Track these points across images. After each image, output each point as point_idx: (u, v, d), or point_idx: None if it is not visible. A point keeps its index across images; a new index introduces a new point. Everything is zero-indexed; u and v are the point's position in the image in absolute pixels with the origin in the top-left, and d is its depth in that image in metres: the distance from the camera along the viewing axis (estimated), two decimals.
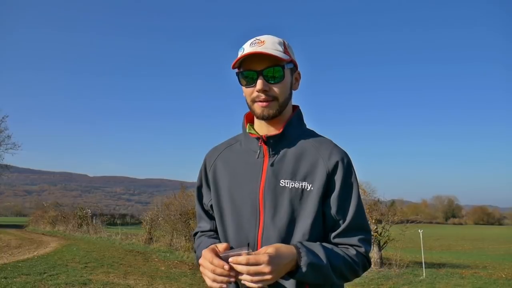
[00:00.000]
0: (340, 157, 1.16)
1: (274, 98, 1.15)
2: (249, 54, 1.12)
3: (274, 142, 1.19)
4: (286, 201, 1.12)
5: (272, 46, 1.15)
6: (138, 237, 15.59)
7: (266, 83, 1.14)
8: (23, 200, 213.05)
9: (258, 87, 1.14)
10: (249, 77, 1.15)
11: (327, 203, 1.13)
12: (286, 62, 1.16)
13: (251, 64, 1.15)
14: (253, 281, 0.97)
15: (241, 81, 1.18)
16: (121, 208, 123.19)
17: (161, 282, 7.09)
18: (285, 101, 1.19)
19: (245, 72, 1.16)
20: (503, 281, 8.00)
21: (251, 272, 0.97)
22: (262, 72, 1.13)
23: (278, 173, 1.15)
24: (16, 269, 7.78)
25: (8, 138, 35.17)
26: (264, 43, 1.15)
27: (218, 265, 1.01)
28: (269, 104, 1.15)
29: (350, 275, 1.11)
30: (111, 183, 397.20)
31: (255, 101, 1.17)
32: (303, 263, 1.01)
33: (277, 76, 1.14)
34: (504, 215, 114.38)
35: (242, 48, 1.19)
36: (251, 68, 1.15)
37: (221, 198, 1.22)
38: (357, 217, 1.14)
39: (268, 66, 1.13)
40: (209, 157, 1.32)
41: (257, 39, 1.17)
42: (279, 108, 1.17)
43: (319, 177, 1.13)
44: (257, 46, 1.14)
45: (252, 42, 1.17)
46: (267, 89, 1.14)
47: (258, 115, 1.18)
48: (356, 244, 1.13)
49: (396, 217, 10.06)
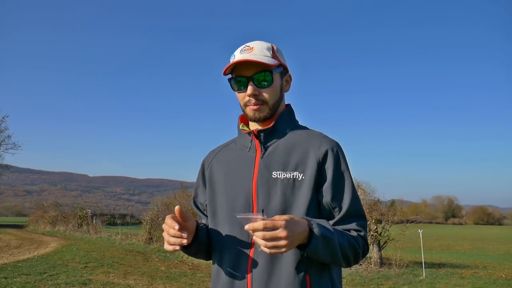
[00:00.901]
0: (330, 146, 1.19)
1: (264, 102, 1.21)
2: (236, 63, 1.18)
3: (265, 136, 1.23)
4: (279, 192, 1.14)
5: (260, 52, 1.20)
6: (138, 237, 15.60)
7: (256, 88, 1.20)
8: (23, 200, 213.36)
9: (248, 92, 1.19)
10: (240, 83, 1.22)
11: (321, 192, 1.15)
12: (275, 67, 1.21)
13: (242, 70, 1.20)
14: (268, 246, 0.96)
15: (233, 87, 1.24)
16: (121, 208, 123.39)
17: (161, 282, 7.09)
18: (275, 103, 1.24)
19: (236, 78, 1.22)
20: (503, 281, 8.01)
21: (267, 237, 0.96)
22: (252, 78, 1.19)
23: (269, 165, 1.18)
24: (16, 269, 7.78)
25: (8, 138, 35.31)
26: (253, 50, 1.21)
27: (170, 225, 1.05)
28: (259, 108, 1.21)
29: (352, 257, 1.13)
30: (111, 183, 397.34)
31: (247, 105, 1.22)
32: (316, 234, 1.02)
33: (266, 80, 1.20)
34: (504, 215, 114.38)
35: (233, 55, 1.25)
36: (241, 74, 1.20)
37: (216, 194, 1.27)
38: (354, 204, 1.16)
39: (257, 71, 1.19)
40: (206, 159, 1.38)
41: (246, 45, 1.23)
42: (269, 111, 1.22)
43: (310, 166, 1.15)
44: (246, 53, 1.20)
45: (242, 49, 1.23)
46: (257, 94, 1.20)
47: (251, 118, 1.24)
48: (355, 229, 1.15)
49: (396, 217, 10.06)
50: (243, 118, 1.34)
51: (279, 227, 0.96)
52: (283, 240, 0.96)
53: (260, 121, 1.24)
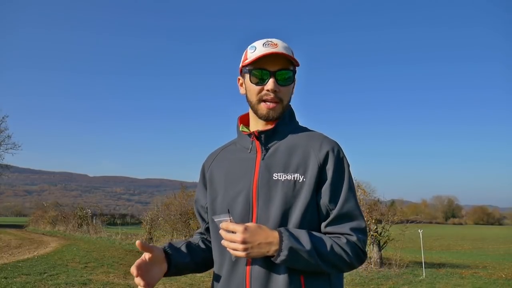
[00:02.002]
0: (331, 147, 1.18)
1: (280, 100, 1.19)
2: (270, 54, 1.15)
3: (266, 137, 1.22)
4: (280, 194, 1.13)
5: (285, 50, 1.18)
6: (138, 237, 15.61)
7: (277, 84, 1.18)
8: (23, 200, 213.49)
9: (270, 86, 1.17)
10: (262, 76, 1.18)
11: (320, 193, 1.15)
12: (296, 68, 1.22)
13: (264, 64, 1.17)
14: (229, 247, 1.06)
15: (252, 78, 1.20)
16: (121, 208, 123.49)
17: (161, 282, 7.10)
18: (287, 104, 1.24)
19: (258, 71, 1.18)
20: (503, 281, 8.01)
21: (227, 238, 1.06)
22: (275, 73, 1.17)
23: (270, 167, 1.17)
24: (16, 269, 7.79)
25: (8, 138, 35.32)
26: (278, 46, 1.18)
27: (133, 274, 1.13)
28: (275, 106, 1.19)
29: (342, 264, 1.10)
30: (111, 183, 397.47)
31: (263, 100, 1.20)
32: (283, 247, 1.03)
33: (288, 78, 1.19)
34: (504, 215, 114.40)
35: (253, 46, 1.21)
36: (265, 67, 1.17)
37: (216, 196, 1.26)
38: (347, 205, 1.13)
39: (281, 68, 1.17)
40: (206, 162, 1.37)
41: (269, 40, 1.20)
42: (282, 110, 1.21)
43: (311, 168, 1.15)
44: (271, 48, 1.17)
45: (265, 43, 1.19)
46: (277, 90, 1.18)
47: (263, 115, 1.21)
48: (347, 233, 1.12)
49: (396, 217, 10.06)
50: (242, 119, 1.32)
51: (236, 231, 1.04)
52: (239, 244, 1.03)
53: (272, 120, 1.22)
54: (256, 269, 1.11)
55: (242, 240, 1.02)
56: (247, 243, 1.03)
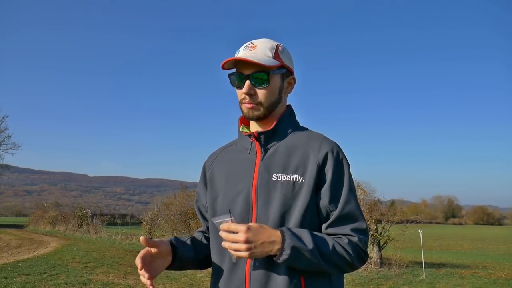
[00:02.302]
0: (330, 148, 1.17)
1: (258, 103, 1.20)
2: (233, 60, 1.17)
3: (265, 138, 1.22)
4: (279, 194, 1.13)
5: (262, 52, 1.19)
6: (138, 237, 15.49)
7: (252, 87, 1.19)
8: (23, 200, 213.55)
9: (244, 90, 1.19)
10: (237, 80, 1.21)
11: (320, 194, 1.15)
12: (274, 68, 1.19)
13: (242, 67, 1.19)
14: (231, 248, 1.05)
15: (231, 82, 1.24)
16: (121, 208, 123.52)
17: (161, 282, 7.10)
18: (271, 105, 1.22)
19: (235, 75, 1.21)
20: (503, 281, 8.01)
21: (229, 239, 1.05)
22: (249, 76, 1.18)
23: (270, 167, 1.18)
24: (16, 269, 7.79)
25: (8, 138, 35.32)
26: (255, 48, 1.20)
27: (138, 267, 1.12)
28: (253, 107, 1.20)
29: (344, 264, 1.10)
30: (111, 183, 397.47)
31: (242, 102, 1.22)
32: (286, 245, 1.03)
33: (262, 81, 1.18)
34: (504, 215, 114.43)
35: (238, 50, 1.24)
36: (241, 71, 1.20)
37: (216, 196, 1.26)
38: (348, 206, 1.13)
39: (255, 71, 1.18)
40: (207, 162, 1.37)
41: (251, 43, 1.22)
42: (264, 111, 1.21)
43: (310, 169, 1.15)
44: (248, 50, 1.20)
45: (245, 46, 1.22)
46: (253, 93, 1.19)
47: (245, 115, 1.24)
48: (348, 234, 1.13)
49: (396, 217, 10.06)
50: (243, 120, 1.33)
51: (239, 231, 1.03)
52: (242, 244, 1.02)
53: (254, 119, 1.23)
54: (255, 270, 1.11)
55: (245, 240, 1.02)
56: (250, 243, 1.02)
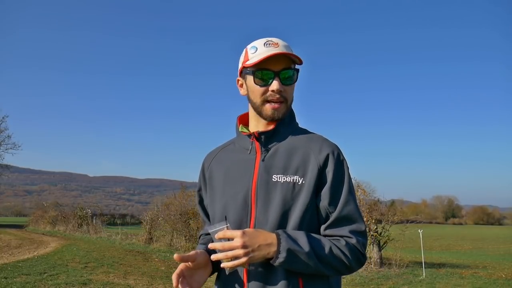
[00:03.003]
0: (331, 150, 1.17)
1: (285, 100, 1.19)
2: (275, 55, 1.14)
3: (266, 138, 1.21)
4: (278, 195, 1.13)
5: (286, 49, 1.18)
6: (138, 237, 15.61)
7: (282, 85, 1.17)
8: (23, 200, 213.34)
9: (275, 87, 1.16)
10: (265, 77, 1.17)
11: (320, 196, 1.14)
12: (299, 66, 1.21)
13: (267, 64, 1.16)
14: (227, 256, 1.02)
15: (256, 80, 1.18)
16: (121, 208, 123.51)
17: (161, 282, 7.09)
18: (291, 103, 1.24)
19: (262, 72, 1.17)
20: (503, 281, 8.01)
21: (226, 247, 1.03)
22: (279, 73, 1.16)
23: (270, 168, 1.17)
24: (16, 269, 7.78)
25: (8, 138, 35.32)
26: (279, 46, 1.18)
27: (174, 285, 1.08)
28: (280, 106, 1.19)
29: (341, 267, 1.10)
30: (111, 183, 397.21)
31: (268, 101, 1.18)
32: (282, 248, 1.03)
33: (291, 77, 1.19)
34: (504, 215, 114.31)
35: (254, 47, 1.19)
36: (268, 68, 1.16)
37: (215, 196, 1.25)
38: (346, 208, 1.13)
39: (284, 67, 1.17)
40: (206, 160, 1.36)
41: (269, 40, 1.19)
42: (285, 110, 1.21)
43: (310, 171, 1.14)
44: (273, 47, 1.16)
45: (265, 43, 1.18)
46: (282, 90, 1.17)
47: (268, 116, 1.20)
48: (346, 235, 1.12)
49: (396, 217, 10.06)
50: (241, 119, 1.32)
51: (235, 237, 1.03)
52: (240, 249, 1.01)
53: (278, 120, 1.21)
54: (253, 273, 1.11)
55: (242, 245, 1.02)
56: (247, 247, 1.02)
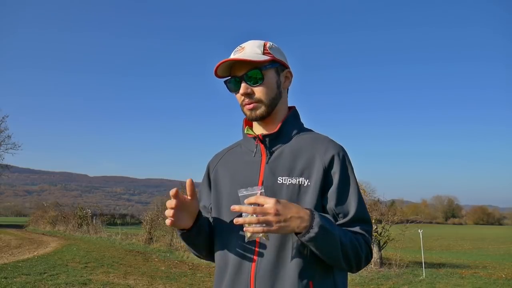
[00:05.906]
0: (336, 151, 1.17)
1: (258, 100, 1.19)
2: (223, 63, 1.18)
3: (271, 141, 1.21)
4: (284, 197, 1.12)
5: (251, 51, 1.19)
6: (138, 237, 15.60)
7: (248, 87, 1.18)
8: (23, 200, 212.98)
9: (241, 91, 1.19)
10: (233, 84, 1.21)
11: (326, 197, 1.15)
12: (266, 63, 1.19)
13: (235, 71, 1.20)
14: (258, 221, 0.98)
15: (228, 88, 1.24)
16: (121, 208, 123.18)
17: (161, 282, 7.10)
18: (272, 101, 1.21)
19: (230, 80, 1.22)
20: (503, 281, 8.01)
21: (257, 211, 0.98)
22: (243, 77, 1.18)
23: (275, 170, 1.17)
24: (16, 269, 7.78)
25: (8, 138, 35.24)
26: (244, 49, 1.21)
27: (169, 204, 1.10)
28: (254, 106, 1.19)
29: (354, 259, 1.10)
30: (111, 183, 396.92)
31: (243, 105, 1.22)
32: (315, 223, 1.01)
33: (257, 77, 1.18)
34: (504, 215, 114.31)
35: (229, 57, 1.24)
36: (235, 75, 1.20)
37: (221, 197, 1.25)
38: (360, 210, 1.15)
39: (248, 70, 1.18)
40: (211, 162, 1.36)
41: (239, 46, 1.23)
42: (266, 108, 1.20)
43: (316, 172, 1.14)
44: (238, 53, 1.20)
45: (235, 51, 1.23)
46: (250, 92, 1.19)
47: (248, 118, 1.23)
48: (359, 232, 1.14)
49: (396, 217, 10.07)
50: (247, 121, 1.32)
51: (268, 203, 0.98)
52: (272, 216, 0.97)
53: (258, 120, 1.22)
54: (261, 273, 1.10)
55: (275, 212, 0.97)
56: (280, 215, 0.98)
